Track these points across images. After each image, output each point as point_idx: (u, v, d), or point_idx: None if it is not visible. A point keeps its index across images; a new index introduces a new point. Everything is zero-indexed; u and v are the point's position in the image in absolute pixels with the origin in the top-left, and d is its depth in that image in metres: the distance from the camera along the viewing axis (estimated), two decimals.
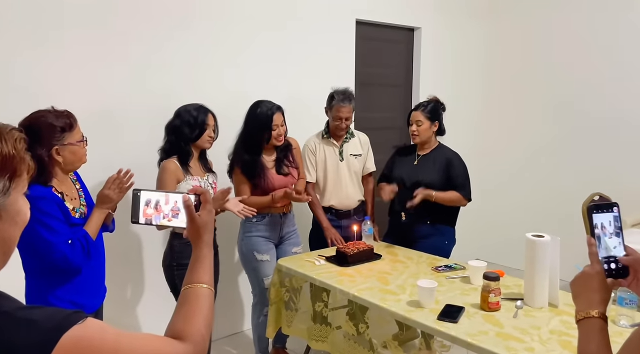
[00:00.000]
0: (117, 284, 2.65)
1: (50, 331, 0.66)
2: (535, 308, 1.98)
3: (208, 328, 0.91)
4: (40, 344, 0.65)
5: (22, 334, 0.65)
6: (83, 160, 1.84)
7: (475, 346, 1.70)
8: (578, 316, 0.97)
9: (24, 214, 0.75)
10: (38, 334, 0.65)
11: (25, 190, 0.75)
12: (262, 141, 2.63)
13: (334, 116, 2.90)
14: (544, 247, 1.98)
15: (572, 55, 4.07)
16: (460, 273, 2.39)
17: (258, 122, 2.61)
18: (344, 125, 2.91)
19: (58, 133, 1.71)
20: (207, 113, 2.43)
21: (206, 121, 2.42)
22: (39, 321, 0.67)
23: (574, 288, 1.01)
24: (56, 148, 1.71)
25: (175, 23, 2.87)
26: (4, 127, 0.72)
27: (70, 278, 1.78)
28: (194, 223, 1.02)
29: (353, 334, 2.24)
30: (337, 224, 2.99)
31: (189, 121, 2.38)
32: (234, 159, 2.68)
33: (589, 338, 0.93)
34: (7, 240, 0.73)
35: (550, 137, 4.24)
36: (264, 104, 2.64)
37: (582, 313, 0.96)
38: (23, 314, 0.67)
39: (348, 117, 2.90)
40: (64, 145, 1.73)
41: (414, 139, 2.92)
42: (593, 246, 0.99)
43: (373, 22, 3.86)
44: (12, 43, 2.37)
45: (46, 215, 1.66)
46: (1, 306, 0.67)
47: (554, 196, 4.16)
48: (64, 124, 1.73)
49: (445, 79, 4.27)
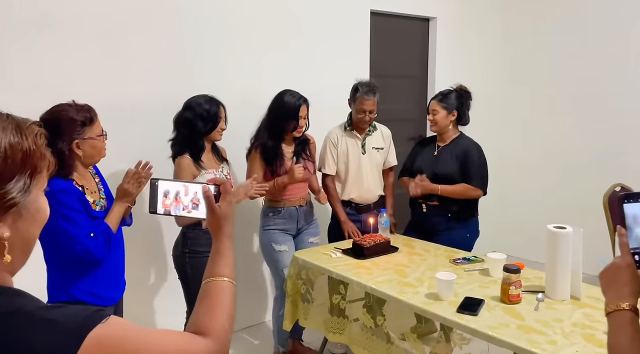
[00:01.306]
0: (135, 277, 2.67)
1: (74, 331, 0.65)
2: (557, 300, 1.95)
3: (230, 322, 0.90)
4: (64, 345, 0.63)
5: (45, 336, 0.63)
6: (103, 154, 1.85)
7: (497, 339, 1.68)
8: (608, 308, 0.95)
9: (44, 212, 0.73)
10: (62, 334, 0.64)
11: (45, 187, 0.73)
12: (286, 129, 2.64)
13: (358, 108, 2.85)
14: (566, 238, 1.94)
15: (594, 45, 3.98)
16: (479, 266, 2.36)
17: (286, 109, 2.61)
18: (367, 118, 2.86)
19: (78, 127, 1.72)
20: (219, 105, 2.42)
21: (219, 113, 2.40)
22: (62, 321, 0.65)
23: (604, 280, 0.99)
24: (76, 142, 1.72)
25: (189, 18, 2.87)
26: (23, 121, 0.70)
27: (92, 270, 1.80)
28: (214, 214, 1.00)
29: (370, 327, 2.23)
30: (356, 218, 2.97)
31: (202, 114, 2.36)
32: (255, 142, 2.68)
33: (619, 331, 0.91)
34: (27, 239, 0.71)
35: (572, 127, 4.15)
36: (292, 93, 2.65)
37: (612, 306, 0.94)
38: (45, 315, 0.66)
39: (372, 110, 2.85)
40: (84, 139, 1.74)
41: (431, 128, 2.90)
42: (624, 236, 0.96)
43: (388, 12, 3.82)
44: (35, 40, 2.39)
45: (68, 208, 1.67)
46: (24, 306, 0.66)
47: (576, 187, 4.09)
48: (84, 118, 1.74)
49: (461, 69, 4.21)
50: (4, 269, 0.69)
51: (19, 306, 0.66)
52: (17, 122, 0.69)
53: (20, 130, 0.68)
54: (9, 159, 0.66)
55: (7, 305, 0.65)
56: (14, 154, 0.66)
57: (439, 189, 2.73)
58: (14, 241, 0.68)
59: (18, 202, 0.67)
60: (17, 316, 0.64)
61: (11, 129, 0.67)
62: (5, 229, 0.66)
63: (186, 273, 2.42)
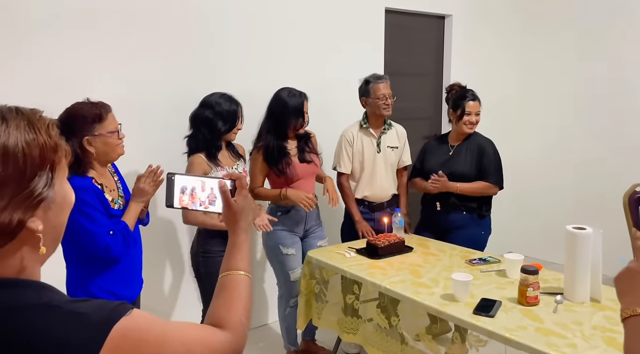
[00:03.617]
0: (151, 276, 2.69)
1: (100, 324, 0.66)
2: (576, 302, 1.91)
3: (247, 315, 0.91)
4: (91, 337, 0.65)
5: (73, 328, 0.65)
6: (118, 151, 1.84)
7: (514, 341, 1.65)
8: (624, 314, 0.92)
9: (70, 198, 0.75)
10: (88, 327, 0.66)
11: (67, 173, 0.75)
12: (291, 127, 2.60)
13: (375, 96, 2.81)
14: (586, 239, 1.90)
15: (611, 44, 3.90)
16: (496, 267, 2.33)
17: (290, 108, 2.57)
18: (389, 101, 2.81)
19: (89, 124, 1.73)
20: (238, 105, 2.42)
21: (238, 113, 2.40)
22: (88, 314, 0.67)
23: (619, 284, 0.96)
24: (87, 139, 1.73)
25: (201, 16, 2.87)
26: (32, 113, 0.70)
27: (110, 268, 1.81)
28: (230, 209, 1.00)
29: (385, 327, 2.21)
30: (369, 216, 2.95)
31: (222, 113, 2.35)
32: (259, 144, 2.63)
33: (636, 336, 0.88)
34: (57, 227, 0.73)
35: (590, 126, 4.08)
36: (290, 91, 2.60)
37: (628, 311, 0.91)
38: (73, 308, 0.68)
39: (390, 94, 2.81)
40: (94, 136, 1.74)
41: (468, 130, 2.80)
42: (639, 239, 0.93)
43: (402, 10, 3.78)
44: (51, 37, 2.41)
45: (87, 205, 1.69)
46: (52, 300, 0.68)
47: (594, 186, 4.01)
48: (94, 115, 1.74)
49: (476, 67, 4.16)
50: (36, 261, 0.71)
51: (47, 300, 0.68)
52: (27, 116, 0.69)
53: (32, 125, 0.69)
54: (28, 158, 0.67)
55: (35, 298, 0.67)
56: (31, 151, 0.67)
57: (458, 188, 2.70)
58: (47, 231, 0.69)
59: (46, 196, 0.69)
60: (46, 308, 0.66)
61: (24, 126, 0.68)
62: (39, 222, 0.68)
63: (200, 272, 2.43)
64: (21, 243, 0.68)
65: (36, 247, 0.68)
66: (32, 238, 0.68)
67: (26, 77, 2.35)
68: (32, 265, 0.70)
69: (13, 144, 0.65)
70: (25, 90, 2.25)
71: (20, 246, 0.68)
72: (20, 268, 0.69)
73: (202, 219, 2.33)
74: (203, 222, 2.35)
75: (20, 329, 0.64)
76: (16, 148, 0.66)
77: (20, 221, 0.66)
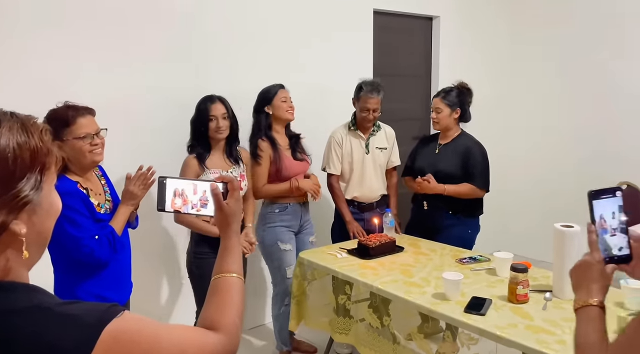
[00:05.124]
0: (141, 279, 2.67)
1: (92, 325, 0.66)
2: (565, 299, 1.93)
3: (240, 317, 0.91)
4: (83, 339, 0.65)
5: (64, 330, 0.65)
6: (91, 158, 1.73)
7: (505, 339, 1.66)
8: (576, 304, 0.97)
9: (57, 205, 0.75)
10: (80, 329, 0.66)
11: (55, 181, 0.75)
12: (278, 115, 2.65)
13: (362, 107, 2.85)
14: (574, 237, 1.93)
15: (598, 44, 3.96)
16: (486, 265, 2.35)
17: (270, 95, 2.65)
18: (371, 117, 2.86)
19: (57, 128, 1.63)
20: (210, 103, 2.39)
21: (210, 111, 2.38)
22: (80, 316, 0.67)
23: (574, 277, 1.01)
24: (57, 143, 1.69)
25: (190, 17, 2.86)
26: (27, 119, 0.71)
27: (97, 272, 1.80)
28: (222, 212, 1.00)
29: (377, 327, 2.22)
30: (359, 217, 2.96)
31: (197, 114, 2.42)
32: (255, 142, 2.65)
33: (586, 326, 0.93)
34: (43, 233, 0.73)
35: (577, 126, 4.13)
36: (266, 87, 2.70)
37: (580, 302, 0.96)
38: (63, 310, 0.68)
39: (376, 109, 2.85)
40: (62, 140, 1.67)
41: (434, 126, 2.89)
42: (593, 233, 0.98)
43: (391, 11, 3.80)
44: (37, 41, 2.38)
45: (71, 210, 1.66)
46: (42, 302, 0.68)
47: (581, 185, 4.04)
48: (62, 120, 1.67)
49: (464, 68, 4.18)
50: (22, 264, 0.71)
51: (37, 302, 0.67)
52: (21, 120, 0.70)
53: (26, 128, 0.69)
54: (18, 159, 0.67)
55: (25, 301, 0.67)
56: (22, 153, 0.67)
57: (445, 190, 2.73)
58: (31, 236, 0.69)
59: (31, 199, 0.68)
60: (36, 311, 0.66)
61: (17, 128, 0.68)
62: (22, 226, 0.67)
63: (193, 273, 2.46)
64: (5, 246, 0.67)
65: (19, 251, 0.68)
66: (15, 241, 0.67)
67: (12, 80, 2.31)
68: (18, 267, 0.70)
69: (4, 144, 0.66)
70: (11, 93, 2.22)
71: (4, 248, 0.67)
72: (6, 269, 0.68)
73: (191, 219, 2.34)
74: (192, 223, 2.37)
75: (12, 332, 0.63)
76: (7, 148, 0.66)
77: (3, 222, 0.65)
